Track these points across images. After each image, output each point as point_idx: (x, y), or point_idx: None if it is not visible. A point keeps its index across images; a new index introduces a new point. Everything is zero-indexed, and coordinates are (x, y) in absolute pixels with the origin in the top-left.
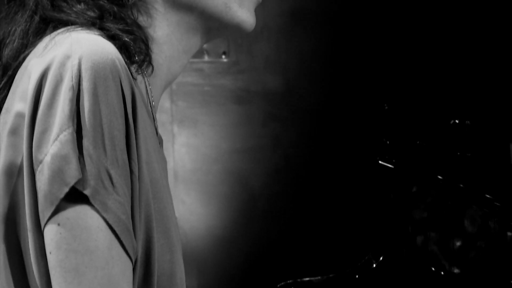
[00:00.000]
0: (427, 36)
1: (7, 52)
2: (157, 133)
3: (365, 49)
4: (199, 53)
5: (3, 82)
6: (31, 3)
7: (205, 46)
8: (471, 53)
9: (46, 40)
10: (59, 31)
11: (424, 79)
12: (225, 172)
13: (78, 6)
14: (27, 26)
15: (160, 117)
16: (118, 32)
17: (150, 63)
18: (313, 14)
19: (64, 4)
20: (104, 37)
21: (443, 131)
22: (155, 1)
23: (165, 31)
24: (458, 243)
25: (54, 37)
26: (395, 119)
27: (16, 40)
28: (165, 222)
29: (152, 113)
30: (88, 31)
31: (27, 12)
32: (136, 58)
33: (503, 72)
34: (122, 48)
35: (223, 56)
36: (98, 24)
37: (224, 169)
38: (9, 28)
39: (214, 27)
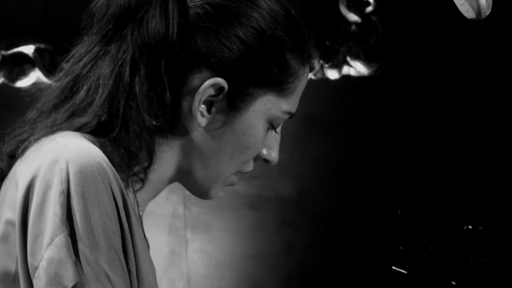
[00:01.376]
0: (440, 141)
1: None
2: (144, 236)
3: (377, 154)
4: None
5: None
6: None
7: None
8: (483, 157)
9: (34, 146)
10: (47, 137)
11: (437, 185)
12: (238, 278)
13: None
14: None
15: (174, 222)
16: (128, 146)
17: (142, 181)
18: (326, 120)
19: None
20: (96, 145)
21: (457, 236)
22: (174, 142)
23: (168, 160)
24: None
25: (40, 143)
26: (408, 224)
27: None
28: None
29: (140, 216)
30: (73, 134)
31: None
32: (132, 171)
33: None
34: (125, 156)
35: None
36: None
37: (238, 275)
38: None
39: (191, 181)
